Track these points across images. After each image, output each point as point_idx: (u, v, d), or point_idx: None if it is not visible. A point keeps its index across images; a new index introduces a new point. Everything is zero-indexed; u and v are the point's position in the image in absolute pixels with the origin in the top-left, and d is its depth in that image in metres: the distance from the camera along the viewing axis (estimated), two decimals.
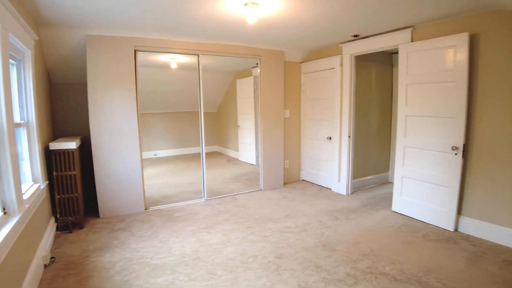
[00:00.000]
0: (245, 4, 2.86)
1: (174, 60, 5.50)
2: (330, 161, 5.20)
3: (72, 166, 3.48)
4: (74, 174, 3.51)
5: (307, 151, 5.75)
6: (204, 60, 4.68)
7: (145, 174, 4.38)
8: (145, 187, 4.39)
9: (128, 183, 4.11)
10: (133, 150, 4.10)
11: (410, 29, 3.76)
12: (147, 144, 7.68)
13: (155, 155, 8.09)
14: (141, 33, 3.85)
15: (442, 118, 3.48)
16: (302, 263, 2.80)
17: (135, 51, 4.03)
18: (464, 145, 3.31)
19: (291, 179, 5.83)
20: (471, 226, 3.37)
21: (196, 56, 4.51)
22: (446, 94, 3.42)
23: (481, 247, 3.09)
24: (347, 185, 4.95)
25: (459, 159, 3.34)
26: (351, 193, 4.99)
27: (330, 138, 5.14)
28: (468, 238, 3.29)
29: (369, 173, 5.50)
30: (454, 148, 3.36)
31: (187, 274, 2.63)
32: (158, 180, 5.87)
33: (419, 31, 3.72)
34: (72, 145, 3.45)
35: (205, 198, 4.73)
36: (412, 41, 3.79)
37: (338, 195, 4.95)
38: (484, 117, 3.21)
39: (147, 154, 7.79)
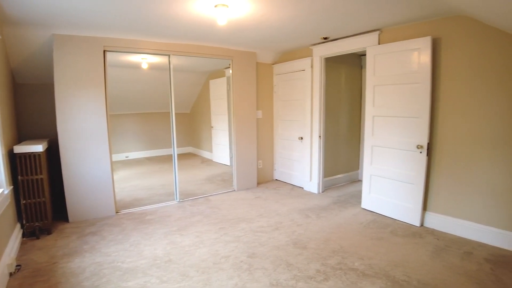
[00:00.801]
0: (215, 6, 2.86)
1: (145, 60, 5.41)
2: (302, 161, 5.29)
3: (38, 169, 3.36)
4: (41, 178, 3.39)
5: (280, 151, 5.82)
6: (176, 60, 4.64)
7: (116, 176, 4.30)
8: (116, 190, 4.31)
9: (98, 187, 4.01)
10: (102, 152, 4.00)
11: (377, 32, 3.89)
12: (118, 146, 7.50)
13: (127, 157, 7.91)
14: (111, 33, 3.77)
15: (408, 118, 3.62)
16: (274, 261, 2.84)
17: (104, 51, 3.94)
18: (428, 143, 3.46)
19: (264, 179, 5.87)
20: (436, 221, 3.53)
21: (167, 57, 4.47)
22: (411, 95, 3.56)
23: (445, 240, 3.24)
24: (319, 184, 5.05)
25: (423, 157, 3.49)
26: (323, 192, 5.10)
27: (302, 138, 5.23)
28: (433, 232, 3.45)
29: (340, 171, 5.64)
30: (419, 146, 3.51)
31: (159, 277, 2.61)
32: (129, 183, 5.76)
33: (386, 34, 3.85)
34: (38, 148, 3.33)
35: (178, 200, 4.69)
36: (379, 43, 3.91)
37: (310, 193, 5.04)
38: (447, 116, 3.38)
39: (118, 156, 7.60)
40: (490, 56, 3.01)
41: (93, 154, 3.95)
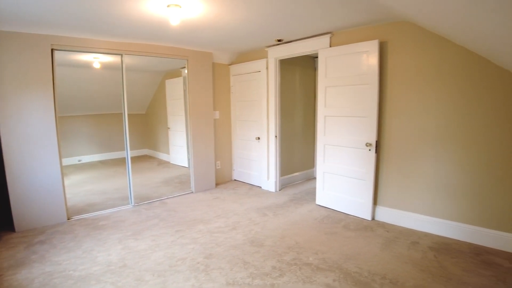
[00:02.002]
0: (168, 6, 2.83)
1: (97, 60, 5.20)
2: (260, 161, 5.37)
3: None
4: None
5: (238, 151, 5.85)
6: (130, 59, 4.52)
7: (67, 181, 4.10)
8: (68, 195, 4.11)
9: (47, 193, 3.81)
10: (51, 157, 3.80)
11: (329, 35, 4.03)
12: (70, 149, 7.13)
13: (79, 160, 7.54)
14: (59, 31, 3.59)
15: (357, 117, 3.79)
16: (231, 261, 2.87)
17: (52, 50, 3.75)
18: (376, 141, 3.65)
19: (223, 179, 5.88)
20: (386, 214, 3.74)
21: (120, 56, 4.34)
22: (360, 96, 3.74)
23: (394, 232, 3.45)
24: (276, 183, 5.15)
25: (372, 154, 3.68)
26: (280, 190, 5.21)
27: (259, 138, 5.30)
28: (383, 225, 3.65)
29: (296, 170, 5.79)
30: (368, 144, 3.69)
31: (114, 283, 2.54)
32: (82, 188, 5.51)
33: (337, 37, 4.01)
34: None
35: (133, 204, 4.57)
36: (330, 46, 4.06)
37: (267, 192, 5.13)
38: (393, 115, 3.59)
39: (70, 160, 7.22)
40: (430, 59, 3.25)
41: (41, 158, 3.74)
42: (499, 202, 2.98)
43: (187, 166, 6.55)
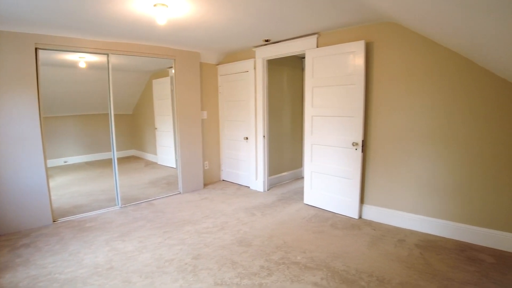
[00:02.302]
0: (154, 5, 2.82)
1: (83, 59, 5.13)
2: (248, 160, 5.37)
3: None
4: None
5: (226, 151, 5.84)
6: (117, 59, 4.47)
7: (53, 183, 4.03)
8: (54, 197, 4.05)
9: (32, 195, 3.73)
10: (36, 158, 3.73)
11: (316, 35, 4.06)
12: (56, 150, 7.01)
13: (65, 162, 7.42)
14: (43, 29, 3.52)
15: (344, 117, 3.83)
16: (219, 261, 2.87)
17: (36, 49, 3.68)
18: (363, 141, 3.69)
19: (211, 180, 5.86)
20: (373, 213, 3.79)
21: (106, 56, 4.29)
22: (347, 96, 3.78)
23: (381, 230, 3.49)
24: (264, 182, 5.16)
25: (359, 153, 3.72)
26: (268, 190, 5.22)
27: (247, 138, 5.31)
28: (370, 223, 3.69)
29: (284, 169, 5.81)
30: (354, 144, 3.73)
31: (100, 285, 2.51)
32: (68, 189, 5.42)
33: (324, 37, 4.04)
34: None
35: (120, 205, 4.52)
36: (317, 46, 4.09)
37: (256, 192, 5.13)
38: (379, 115, 3.64)
39: (55, 162, 7.10)
40: (416, 59, 3.31)
41: (25, 159, 3.66)
42: (483, 200, 3.05)
43: (174, 166, 6.51)
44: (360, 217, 3.88)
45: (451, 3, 1.93)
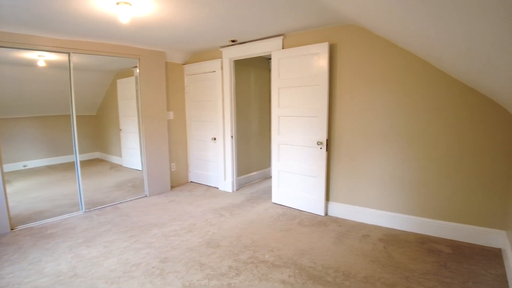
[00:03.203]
0: (117, 3, 2.75)
1: (42, 58, 4.89)
2: (216, 161, 5.35)
3: None
4: None
5: (194, 152, 5.79)
6: (79, 58, 4.31)
7: (11, 189, 3.83)
8: (12, 204, 3.84)
9: None
10: None
11: (281, 37, 4.12)
12: (14, 154, 6.63)
13: (25, 166, 7.04)
14: (0, 26, 3.34)
15: (309, 117, 3.91)
16: (187, 263, 2.85)
17: None
18: (327, 140, 3.79)
19: (179, 181, 5.79)
20: (338, 210, 3.90)
21: (67, 55, 4.12)
22: (312, 96, 3.86)
23: (346, 226, 3.60)
24: (233, 183, 5.16)
25: (323, 152, 3.82)
26: (237, 190, 5.24)
27: (215, 139, 5.29)
28: (336, 220, 3.80)
29: (253, 169, 5.85)
30: (319, 143, 3.82)
31: None
32: (28, 195, 5.16)
33: (289, 39, 4.10)
34: None
35: (84, 210, 4.37)
36: (283, 48, 4.15)
37: (224, 193, 5.13)
38: (342, 115, 3.75)
39: (14, 166, 6.72)
40: (378, 60, 3.44)
41: None
42: (440, 194, 3.24)
43: (140, 169, 6.36)
44: (326, 214, 3.98)
45: (396, 4, 2.02)
